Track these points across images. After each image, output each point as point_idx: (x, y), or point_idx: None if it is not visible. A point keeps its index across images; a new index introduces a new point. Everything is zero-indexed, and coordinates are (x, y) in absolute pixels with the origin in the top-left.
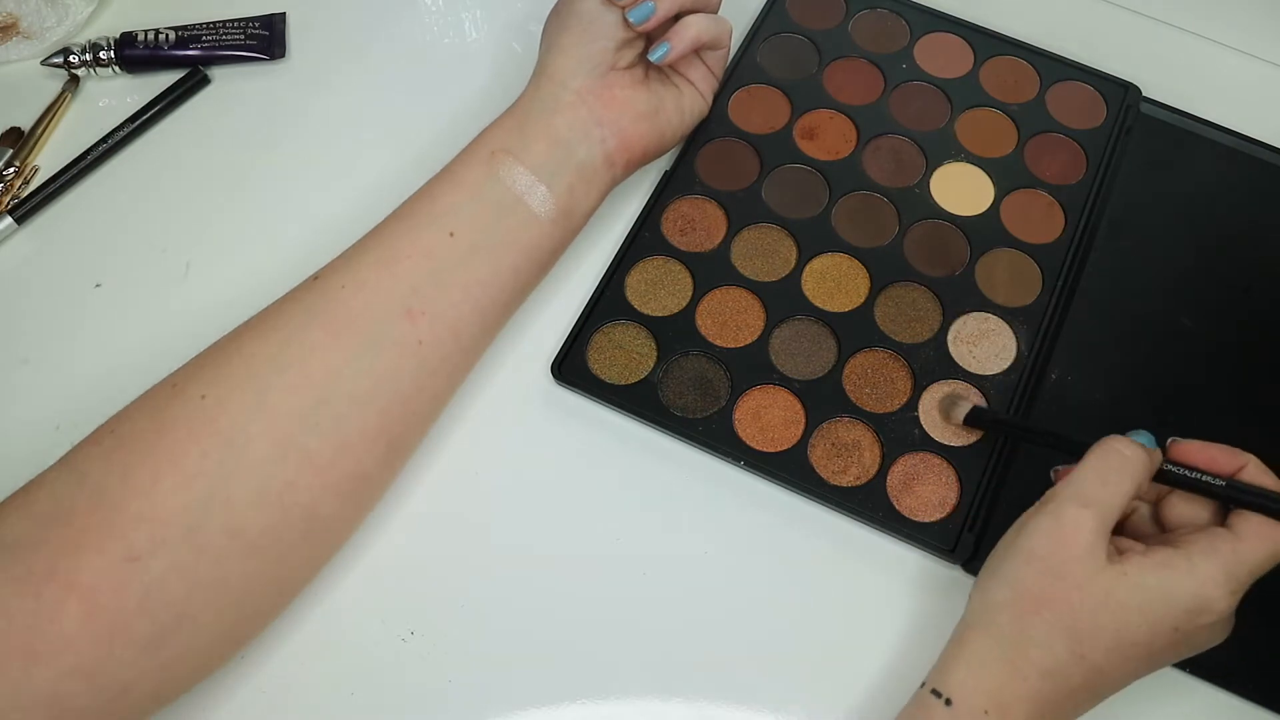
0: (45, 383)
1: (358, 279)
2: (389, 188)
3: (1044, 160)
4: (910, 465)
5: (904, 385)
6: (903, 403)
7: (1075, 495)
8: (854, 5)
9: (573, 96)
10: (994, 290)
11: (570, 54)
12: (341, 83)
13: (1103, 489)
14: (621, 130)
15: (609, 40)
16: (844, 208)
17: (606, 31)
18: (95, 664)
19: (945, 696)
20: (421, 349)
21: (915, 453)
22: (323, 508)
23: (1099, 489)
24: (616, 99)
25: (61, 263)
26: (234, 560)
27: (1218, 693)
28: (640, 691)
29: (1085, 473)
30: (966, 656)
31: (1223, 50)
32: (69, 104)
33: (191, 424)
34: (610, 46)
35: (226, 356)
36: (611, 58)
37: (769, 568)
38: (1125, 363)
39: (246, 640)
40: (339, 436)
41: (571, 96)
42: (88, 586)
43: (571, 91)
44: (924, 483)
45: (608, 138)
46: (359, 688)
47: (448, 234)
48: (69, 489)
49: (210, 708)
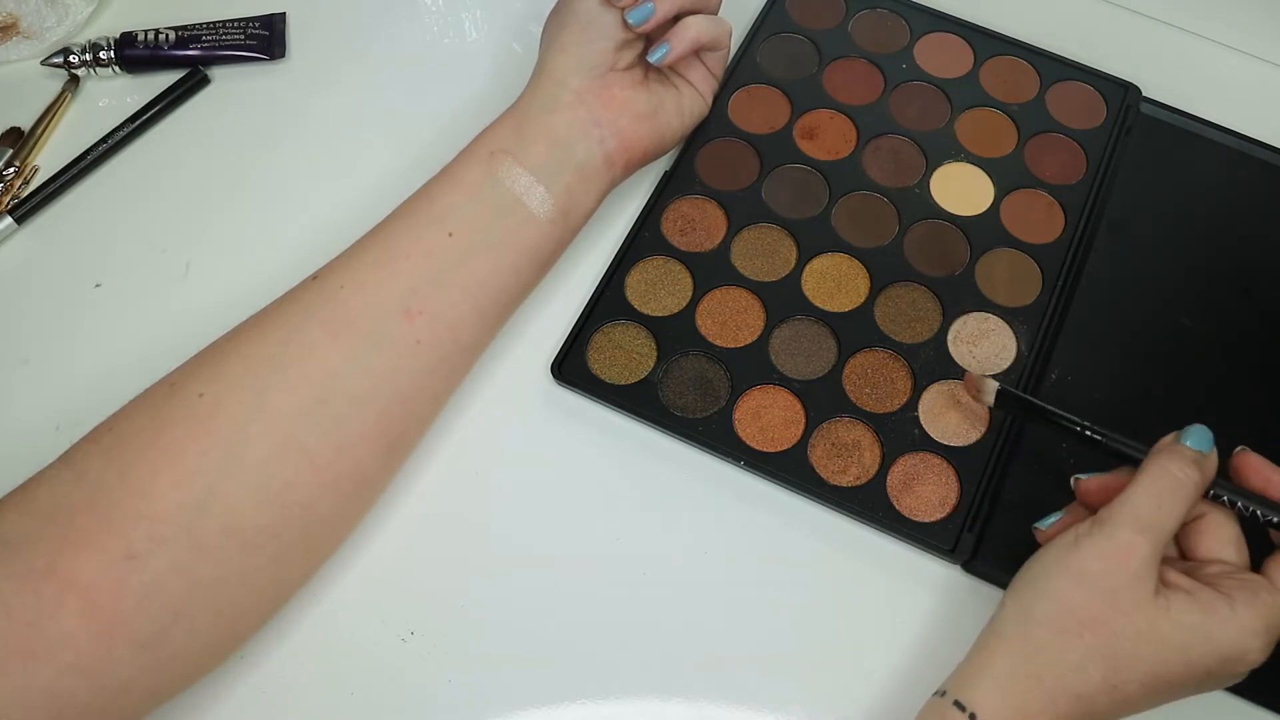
0: (45, 383)
1: (357, 279)
2: (389, 188)
3: (1044, 160)
4: (910, 465)
5: (904, 385)
6: (903, 403)
7: (1131, 519)
8: (854, 5)
9: (571, 96)
10: (994, 290)
11: (569, 53)
12: (341, 83)
13: (1157, 513)
14: (621, 130)
15: (608, 41)
16: (844, 208)
17: (606, 32)
18: (94, 662)
19: (970, 711)
20: (420, 349)
21: (915, 453)
22: (321, 507)
23: (1154, 513)
24: (616, 99)
25: (61, 263)
26: (232, 559)
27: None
28: (640, 691)
29: (1139, 495)
30: (995, 670)
31: (1223, 50)
32: (69, 104)
33: (190, 423)
34: (609, 47)
35: (225, 356)
36: (611, 58)
37: (769, 568)
38: (1125, 363)
39: (245, 639)
40: (338, 436)
41: (570, 96)
42: (87, 584)
43: (570, 91)
44: (924, 483)
45: (607, 138)
46: (359, 688)
47: (447, 234)
48: (68, 487)
49: (209, 707)
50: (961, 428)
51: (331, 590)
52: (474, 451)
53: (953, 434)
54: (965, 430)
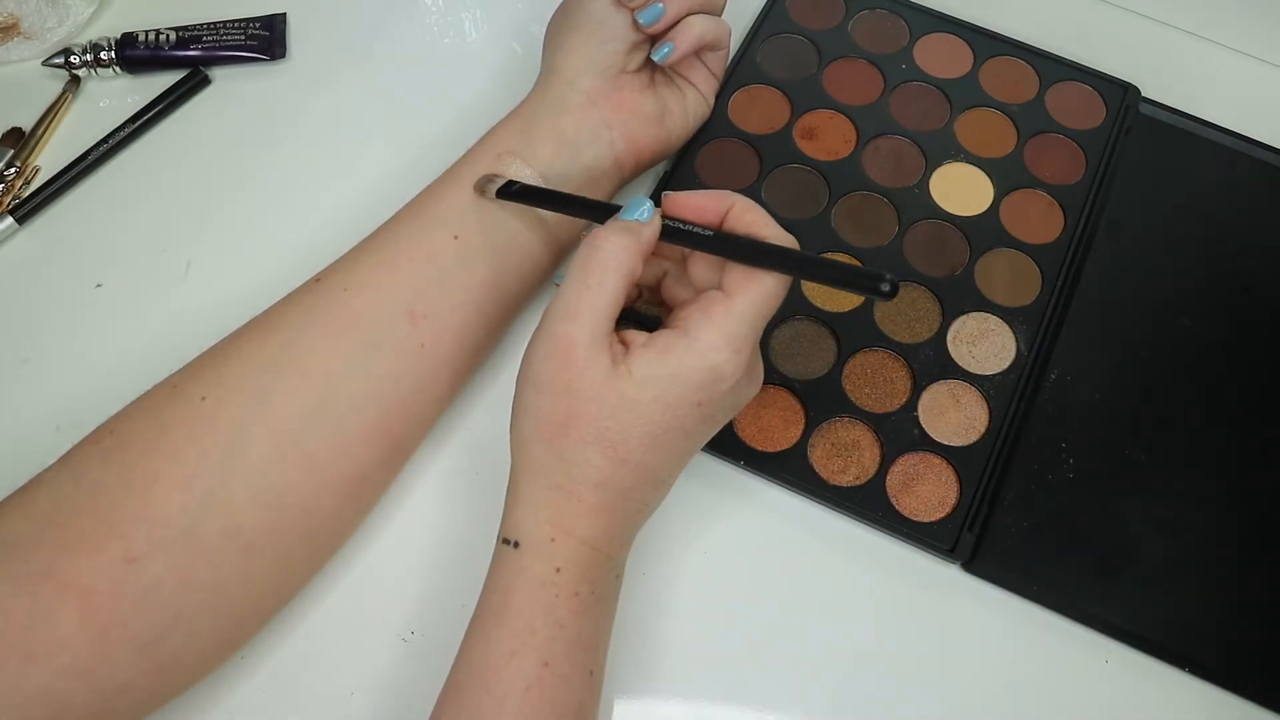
0: (45, 382)
1: (359, 281)
2: (389, 187)
3: (1043, 160)
4: (910, 465)
5: (903, 385)
6: (902, 403)
7: (561, 310)
8: (854, 5)
9: (581, 98)
10: (993, 290)
11: (579, 54)
12: (342, 83)
13: (586, 294)
14: (630, 132)
15: (620, 42)
16: (844, 208)
17: (617, 34)
18: (91, 663)
19: (513, 540)
20: (423, 352)
21: (915, 452)
22: (322, 509)
23: (581, 296)
24: (625, 102)
25: (62, 263)
26: (232, 561)
27: (1218, 692)
28: (640, 691)
29: (565, 285)
30: (521, 498)
31: (1222, 50)
32: (70, 104)
33: (191, 425)
34: (621, 49)
35: (226, 358)
36: (622, 60)
37: (768, 567)
38: (1125, 363)
39: (244, 641)
40: (339, 438)
41: (580, 98)
42: (85, 586)
43: (580, 92)
44: (923, 482)
45: (617, 140)
46: (359, 688)
47: (452, 237)
48: (67, 489)
49: (210, 708)
50: (961, 428)
51: (332, 590)
52: (475, 452)
53: (952, 434)
54: (965, 430)
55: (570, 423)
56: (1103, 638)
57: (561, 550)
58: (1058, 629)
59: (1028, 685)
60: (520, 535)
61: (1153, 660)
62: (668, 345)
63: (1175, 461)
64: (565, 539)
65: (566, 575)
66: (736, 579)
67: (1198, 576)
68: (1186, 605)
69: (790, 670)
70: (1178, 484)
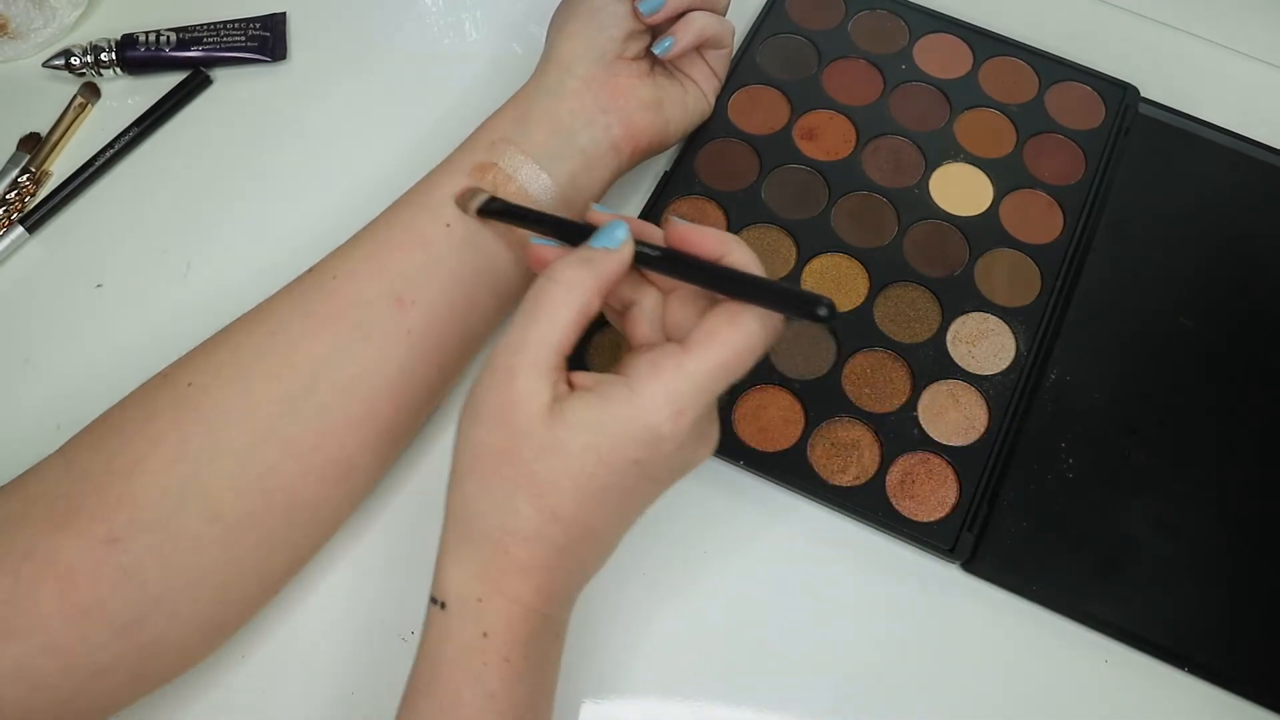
0: (46, 382)
1: (349, 268)
2: (390, 187)
3: (1043, 160)
4: (909, 465)
5: (903, 385)
6: (902, 403)
7: (507, 342)
8: (853, 6)
9: (578, 83)
10: (993, 290)
11: (577, 40)
12: (342, 83)
13: (533, 327)
14: (628, 117)
15: (617, 30)
16: (843, 208)
17: (615, 21)
18: (68, 644)
19: (440, 601)
20: (412, 338)
21: (915, 452)
22: (304, 494)
23: (528, 329)
24: (622, 87)
25: (63, 263)
26: (213, 545)
27: (1218, 692)
28: (640, 691)
29: (517, 315)
30: (449, 549)
31: (1222, 51)
32: (89, 112)
33: (176, 411)
34: (618, 36)
35: (216, 347)
36: (619, 47)
37: (767, 567)
38: (1125, 363)
39: (231, 629)
40: (322, 423)
41: (577, 83)
42: (65, 566)
43: (577, 78)
44: (923, 482)
45: (613, 124)
46: (359, 688)
47: (444, 224)
48: (57, 474)
49: (209, 708)
50: (961, 428)
51: (332, 590)
52: None
53: (952, 434)
54: (965, 430)
55: (503, 458)
56: (1102, 638)
57: (488, 611)
58: (1057, 629)
59: (1027, 685)
60: (447, 595)
61: (1153, 660)
62: (608, 394)
63: (1175, 461)
64: (494, 598)
65: (495, 640)
66: (736, 579)
67: (1198, 576)
68: (1186, 605)
69: (790, 670)
70: (1177, 484)
